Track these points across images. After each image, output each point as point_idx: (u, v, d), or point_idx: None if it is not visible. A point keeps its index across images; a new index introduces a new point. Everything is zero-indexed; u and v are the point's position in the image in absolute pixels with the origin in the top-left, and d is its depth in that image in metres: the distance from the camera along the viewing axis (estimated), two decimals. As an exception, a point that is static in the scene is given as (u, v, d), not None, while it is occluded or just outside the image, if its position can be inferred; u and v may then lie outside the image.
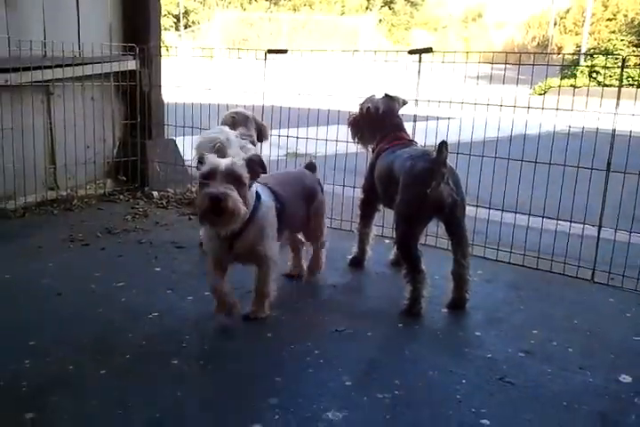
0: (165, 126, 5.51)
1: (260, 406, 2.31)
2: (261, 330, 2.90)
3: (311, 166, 3.55)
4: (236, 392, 2.39)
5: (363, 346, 2.81)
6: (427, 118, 4.37)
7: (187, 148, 5.55)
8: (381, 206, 3.76)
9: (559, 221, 3.96)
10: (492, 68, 4.58)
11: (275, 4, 34.66)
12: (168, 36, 26.39)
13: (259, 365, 2.60)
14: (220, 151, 3.81)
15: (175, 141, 5.58)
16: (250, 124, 4.39)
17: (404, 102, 3.78)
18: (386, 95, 3.73)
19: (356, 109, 3.81)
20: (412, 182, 3.08)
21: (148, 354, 2.64)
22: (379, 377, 2.56)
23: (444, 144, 2.98)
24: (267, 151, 5.21)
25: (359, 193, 3.83)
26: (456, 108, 4.27)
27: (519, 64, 4.42)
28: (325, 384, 2.48)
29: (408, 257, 3.14)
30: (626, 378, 2.60)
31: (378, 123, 3.62)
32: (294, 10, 33.96)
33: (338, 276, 3.66)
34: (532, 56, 4.64)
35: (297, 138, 5.04)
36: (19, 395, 2.32)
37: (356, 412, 2.31)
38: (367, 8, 35.30)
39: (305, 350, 2.74)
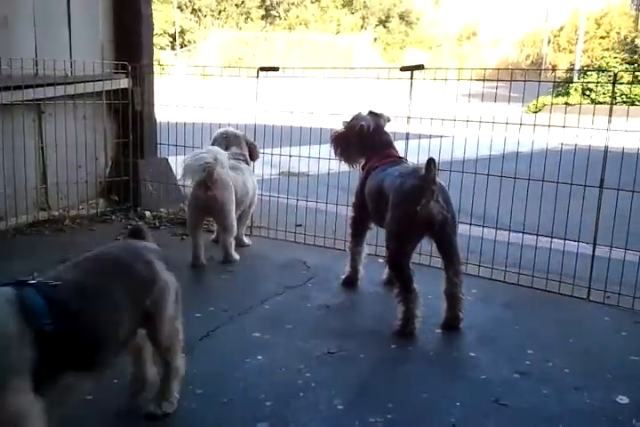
0: (158, 145, 5.48)
1: (248, 432, 2.26)
2: (252, 352, 2.85)
3: (137, 233, 2.51)
4: (223, 417, 2.34)
5: (355, 368, 2.77)
6: (419, 136, 4.36)
7: (179, 167, 5.53)
8: (373, 225, 3.73)
9: (553, 239, 3.94)
10: (483, 86, 4.60)
11: (270, 23, 34.98)
12: (164, 55, 26.53)
13: (248, 388, 2.55)
14: (209, 172, 3.81)
15: (168, 160, 5.56)
16: (242, 144, 4.39)
17: (389, 119, 3.77)
18: (370, 112, 3.72)
19: (339, 127, 3.79)
20: (401, 200, 3.05)
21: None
22: (371, 400, 2.51)
23: (432, 161, 2.96)
24: (259, 170, 5.21)
25: (350, 211, 3.79)
26: (448, 127, 4.27)
27: (511, 80, 4.41)
28: (316, 408, 2.43)
29: (400, 276, 3.10)
30: (623, 399, 2.56)
31: (367, 140, 3.60)
32: (290, 29, 34.25)
33: (330, 296, 3.61)
34: (524, 73, 4.63)
35: (290, 156, 5.03)
36: None
37: (348, 437, 2.26)
38: (362, 27, 35.63)
39: (296, 373, 2.69)
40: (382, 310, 3.51)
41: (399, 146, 4.03)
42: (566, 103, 14.39)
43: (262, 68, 4.86)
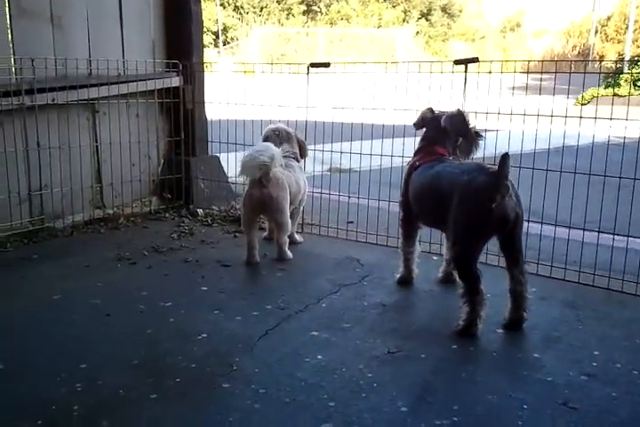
0: (209, 143, 5.51)
1: (313, 433, 2.24)
2: (311, 351, 2.84)
3: None
4: (288, 418, 2.33)
5: (417, 369, 2.72)
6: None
7: (230, 164, 5.55)
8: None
9: (615, 236, 3.83)
10: (527, 79, 4.49)
11: (312, 18, 34.94)
12: (207, 53, 26.72)
13: (310, 388, 2.53)
14: (265, 171, 3.81)
15: (219, 158, 5.58)
16: (292, 141, 4.37)
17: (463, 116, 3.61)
18: (428, 109, 3.68)
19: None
20: (473, 197, 2.97)
21: (198, 377, 2.59)
22: (435, 402, 2.46)
23: (507, 156, 2.89)
24: (309, 167, 5.18)
25: (399, 211, 3.72)
26: (492, 120, 4.18)
27: (556, 72, 4.28)
28: (380, 410, 2.40)
29: (467, 277, 3.03)
30: (697, 403, 2.46)
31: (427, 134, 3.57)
32: (331, 24, 34.16)
33: (386, 294, 3.57)
34: (570, 64, 4.49)
35: (341, 153, 5.00)
36: (70, 419, 2.29)
37: (414, 439, 2.22)
38: (404, 20, 35.33)
39: (357, 373, 2.66)
40: (439, 308, 3.46)
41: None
42: (615, 95, 14.04)
43: (313, 64, 4.83)
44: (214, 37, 29.98)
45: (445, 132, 3.52)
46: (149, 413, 2.34)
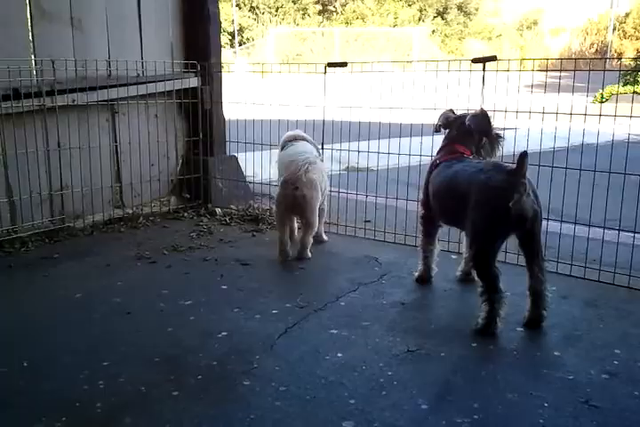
0: (227, 143, 5.53)
1: (334, 430, 2.25)
2: (331, 349, 2.85)
3: None
4: (309, 415, 2.34)
5: (437, 367, 2.72)
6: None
7: (248, 164, 5.57)
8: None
9: (636, 234, 3.80)
10: (546, 76, 4.47)
11: (327, 18, 34.92)
12: (224, 54, 26.80)
13: (331, 386, 2.54)
14: (303, 172, 3.91)
15: (237, 158, 5.60)
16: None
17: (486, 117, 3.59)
18: (449, 110, 3.68)
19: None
20: (490, 196, 2.96)
21: (219, 375, 2.61)
22: (456, 400, 2.46)
23: (525, 155, 2.88)
24: (328, 165, 5.19)
25: (420, 209, 3.73)
26: (511, 118, 4.16)
27: (575, 70, 4.25)
28: (401, 407, 2.40)
29: (486, 276, 3.03)
30: None
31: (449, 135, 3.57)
32: (347, 23, 34.12)
33: (405, 293, 3.57)
34: (589, 62, 4.46)
35: (358, 152, 5.00)
36: (93, 416, 2.32)
37: (435, 437, 2.22)
38: (420, 19, 35.19)
39: (377, 370, 2.67)
40: (458, 307, 3.46)
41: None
42: (634, 92, 13.90)
43: (330, 64, 4.84)
44: (230, 38, 30.08)
45: (468, 132, 3.51)
46: (171, 410, 2.36)
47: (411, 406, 2.41)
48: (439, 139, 3.92)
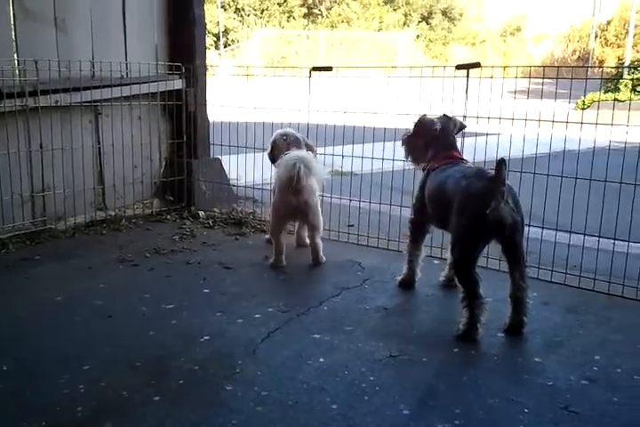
0: (211, 145, 5.52)
1: (315, 435, 2.25)
2: (314, 354, 2.85)
3: None
4: (291, 420, 2.34)
5: (419, 372, 2.74)
6: (475, 135, 4.30)
7: (232, 167, 5.56)
8: (432, 227, 3.68)
9: (616, 241, 3.84)
10: (529, 83, 4.51)
11: (312, 21, 34.95)
12: (208, 55, 26.74)
13: (313, 391, 2.54)
14: (300, 178, 3.84)
15: (221, 161, 5.59)
16: (301, 145, 4.38)
17: (462, 126, 3.71)
18: (444, 115, 3.69)
19: (409, 127, 3.76)
20: (469, 202, 3.00)
21: (201, 379, 2.60)
22: (437, 405, 2.48)
23: (502, 162, 2.91)
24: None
25: (409, 213, 3.74)
26: (494, 124, 4.20)
27: (558, 78, 4.30)
28: (382, 413, 2.41)
29: (466, 281, 3.05)
30: (698, 408, 2.47)
31: (433, 141, 3.57)
32: (332, 27, 34.18)
33: (388, 298, 3.59)
34: (571, 70, 4.51)
35: (342, 156, 5.00)
36: (74, 420, 2.30)
37: (416, 443, 2.23)
38: (405, 24, 35.35)
39: (360, 376, 2.67)
40: (441, 312, 3.47)
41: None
42: (615, 99, 14.02)
43: (315, 68, 4.85)
44: (215, 39, 30.00)
45: (442, 136, 3.56)
46: (153, 415, 2.35)
47: (392, 412, 2.41)
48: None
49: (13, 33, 4.32)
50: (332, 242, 4.63)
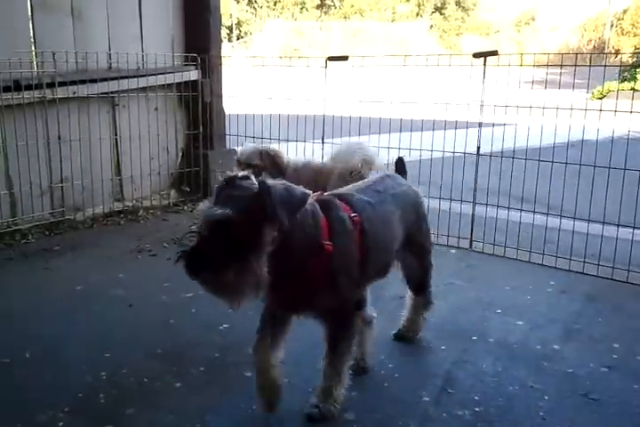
0: (227, 136, 5.53)
1: (337, 422, 2.26)
2: (333, 342, 2.85)
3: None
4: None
5: (437, 360, 2.74)
6: (479, 124, 4.27)
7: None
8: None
9: (635, 230, 3.82)
10: (547, 73, 4.47)
11: (325, 12, 34.84)
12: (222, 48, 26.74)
13: (333, 378, 2.55)
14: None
15: (236, 151, 5.59)
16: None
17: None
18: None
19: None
20: None
21: (221, 366, 2.63)
22: (457, 392, 2.48)
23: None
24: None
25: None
26: (512, 114, 4.18)
27: (576, 65, 4.26)
28: (402, 400, 2.42)
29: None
30: None
31: None
32: (345, 18, 34.05)
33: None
34: (588, 58, 4.48)
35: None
36: (96, 407, 2.33)
37: (437, 429, 2.24)
38: (418, 14, 35.14)
39: (378, 363, 2.68)
40: (458, 301, 3.46)
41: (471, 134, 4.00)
42: (632, 89, 13.90)
43: (331, 58, 4.84)
44: (228, 32, 29.99)
45: None
46: (173, 401, 2.37)
47: (412, 399, 2.42)
48: (439, 134, 3.93)
49: (31, 25, 4.34)
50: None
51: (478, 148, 4.27)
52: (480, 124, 4.26)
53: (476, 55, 4.38)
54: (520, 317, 3.17)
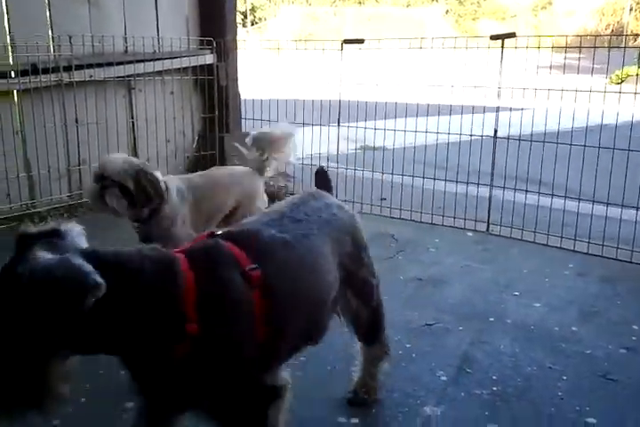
0: (243, 120, 5.53)
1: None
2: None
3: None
4: (328, 385, 2.37)
5: (455, 340, 2.75)
6: (510, 109, 4.25)
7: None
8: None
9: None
10: (565, 58, 4.43)
11: (339, -3, 34.58)
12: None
13: (349, 357, 2.55)
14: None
15: (249, 134, 5.58)
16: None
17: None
18: None
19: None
20: None
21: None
22: (474, 372, 2.49)
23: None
24: (342, 144, 5.17)
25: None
26: (529, 98, 4.14)
27: (595, 47, 4.18)
28: (419, 379, 2.43)
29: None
30: None
31: None
32: (359, 3, 33.80)
33: (422, 269, 3.59)
34: (607, 41, 4.41)
35: (375, 129, 4.97)
36: (117, 384, 2.35)
37: (455, 407, 2.25)
38: (433, -1, 34.80)
39: (395, 344, 2.68)
40: (475, 283, 3.45)
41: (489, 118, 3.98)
42: (651, 73, 13.66)
43: (347, 41, 4.81)
44: (242, 17, 29.86)
45: None
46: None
47: (430, 378, 2.43)
48: (456, 119, 3.90)
49: (47, 9, 4.34)
50: (364, 215, 4.61)
51: (495, 130, 4.24)
52: (498, 109, 4.22)
53: (494, 37, 4.34)
54: (537, 299, 3.16)
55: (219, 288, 1.48)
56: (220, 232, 1.66)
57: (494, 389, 2.36)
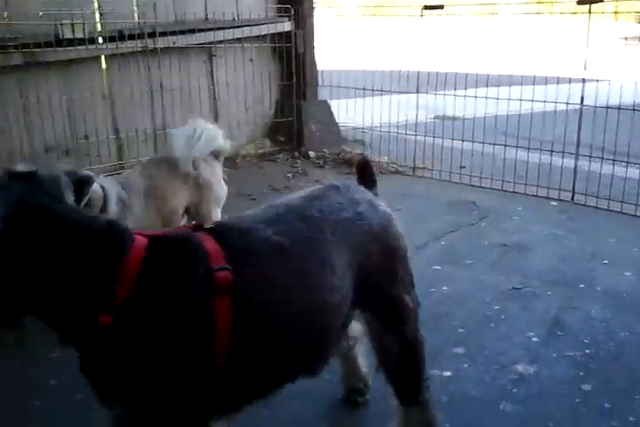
0: (319, 88, 5.52)
1: (446, 355, 2.30)
2: (436, 283, 2.88)
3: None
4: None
5: (544, 305, 2.72)
6: (583, 80, 4.10)
7: (340, 110, 5.53)
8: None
9: None
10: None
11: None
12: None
13: (438, 316, 2.57)
14: None
15: (328, 103, 5.59)
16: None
17: None
18: None
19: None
20: None
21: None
22: (566, 335, 2.46)
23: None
24: (421, 114, 5.12)
25: None
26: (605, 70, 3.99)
27: None
28: (510, 339, 2.42)
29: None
30: None
31: None
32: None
33: (506, 235, 3.55)
34: None
35: (454, 96, 4.87)
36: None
37: (547, 367, 2.24)
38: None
39: (484, 305, 2.69)
40: (560, 250, 3.39)
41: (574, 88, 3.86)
42: None
43: (426, 7, 4.73)
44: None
45: None
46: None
47: (521, 339, 2.42)
48: (527, 90, 3.76)
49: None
50: (443, 182, 4.59)
51: (582, 98, 4.11)
52: (584, 80, 4.09)
53: (581, 2, 4.19)
54: (628, 268, 3.09)
55: (164, 277, 1.26)
56: (210, 226, 1.41)
57: (587, 351, 2.34)
